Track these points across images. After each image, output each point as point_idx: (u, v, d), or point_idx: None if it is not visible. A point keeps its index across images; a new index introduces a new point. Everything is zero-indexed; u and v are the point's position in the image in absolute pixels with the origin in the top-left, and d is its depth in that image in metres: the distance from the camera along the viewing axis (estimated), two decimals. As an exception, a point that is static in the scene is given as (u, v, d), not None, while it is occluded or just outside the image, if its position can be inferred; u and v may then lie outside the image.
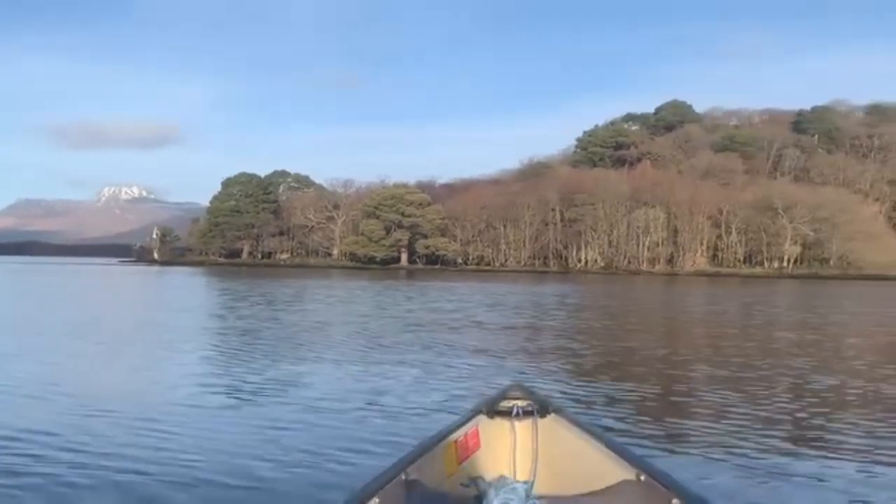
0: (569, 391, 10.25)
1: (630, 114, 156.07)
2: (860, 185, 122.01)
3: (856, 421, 8.59)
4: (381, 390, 10.07)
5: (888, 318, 27.75)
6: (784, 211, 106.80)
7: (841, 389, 10.80)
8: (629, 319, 24.73)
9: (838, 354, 15.51)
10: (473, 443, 4.51)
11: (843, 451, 7.18)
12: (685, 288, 57.34)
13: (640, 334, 19.75)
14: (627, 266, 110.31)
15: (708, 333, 20.59)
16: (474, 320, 22.09)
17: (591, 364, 13.29)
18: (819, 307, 33.74)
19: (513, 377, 11.03)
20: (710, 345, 17.30)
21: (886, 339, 19.83)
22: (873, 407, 9.47)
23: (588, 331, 19.90)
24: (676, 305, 34.89)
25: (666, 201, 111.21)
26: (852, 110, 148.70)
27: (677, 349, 16.28)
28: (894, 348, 17.54)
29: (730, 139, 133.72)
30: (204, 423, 8.06)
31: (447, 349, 14.75)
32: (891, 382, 11.43)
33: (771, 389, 10.67)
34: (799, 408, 9.33)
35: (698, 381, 11.41)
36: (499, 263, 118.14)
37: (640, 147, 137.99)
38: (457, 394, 9.86)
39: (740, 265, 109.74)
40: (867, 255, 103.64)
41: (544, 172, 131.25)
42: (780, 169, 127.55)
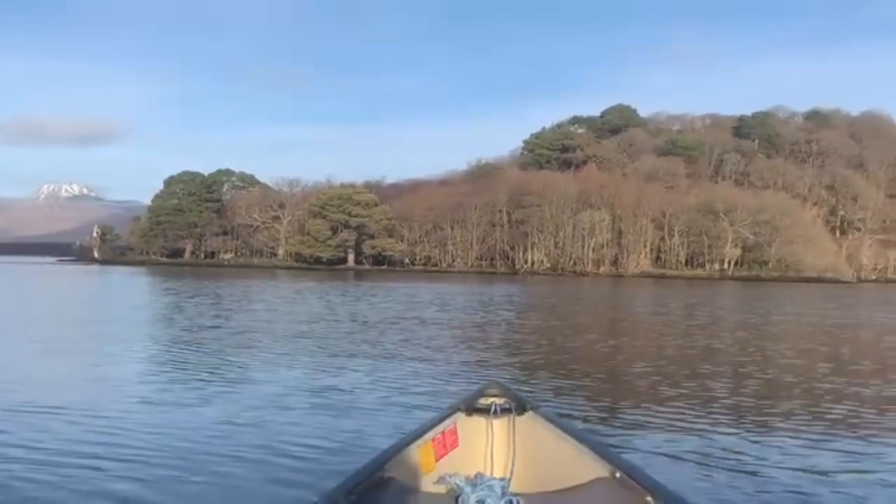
0: (519, 385, 10.17)
1: (576, 117, 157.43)
2: (799, 190, 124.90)
3: (785, 409, 9.35)
4: (330, 388, 9.93)
5: (823, 318, 28.40)
6: (725, 214, 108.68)
7: (772, 382, 11.45)
8: (576, 319, 24.85)
9: (773, 351, 15.80)
10: (451, 440, 4.55)
11: (757, 431, 7.94)
12: (631, 289, 58.02)
13: (586, 333, 19.88)
14: (573, 267, 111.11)
15: (652, 332, 20.79)
16: (423, 319, 21.96)
17: (537, 360, 13.31)
18: (759, 308, 34.46)
19: (461, 375, 11.03)
20: (655, 343, 17.47)
21: (821, 338, 20.41)
22: (803, 397, 10.23)
23: (536, 330, 19.93)
24: (622, 306, 35.25)
25: (611, 204, 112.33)
26: (792, 116, 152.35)
27: (621, 347, 16.48)
28: (825, 346, 18.08)
29: (673, 143, 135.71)
30: (148, 420, 7.94)
31: (396, 348, 14.59)
32: (818, 376, 12.34)
33: (706, 383, 11.12)
34: (726, 394, 10.10)
35: (638, 376, 11.89)
36: (446, 264, 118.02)
37: (586, 150, 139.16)
38: (406, 391, 9.80)
39: (682, 267, 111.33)
40: (806, 257, 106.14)
41: (492, 174, 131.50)
42: (722, 173, 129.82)
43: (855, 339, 20.88)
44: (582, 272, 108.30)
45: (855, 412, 9.38)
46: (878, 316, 30.73)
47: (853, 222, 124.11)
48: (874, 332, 22.88)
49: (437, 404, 8.42)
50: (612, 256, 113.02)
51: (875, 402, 10.05)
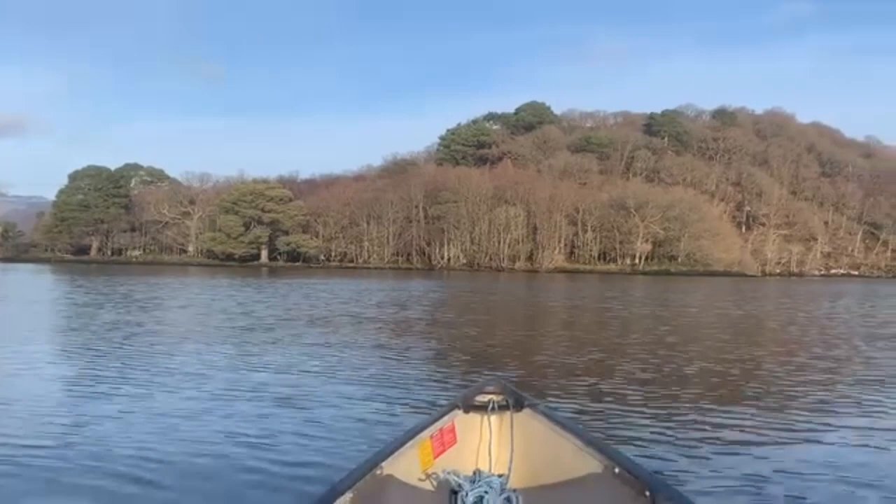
0: (434, 376, 10.32)
1: (491, 113, 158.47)
2: (707, 186, 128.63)
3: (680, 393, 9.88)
4: (244, 385, 9.51)
5: (729, 310, 29.26)
6: (636, 210, 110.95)
7: (677, 370, 11.49)
8: (494, 314, 24.74)
9: (678, 342, 16.03)
10: (449, 438, 4.57)
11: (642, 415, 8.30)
12: (546, 284, 58.46)
13: (503, 326, 19.82)
14: (489, 263, 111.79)
15: (570, 324, 20.87)
16: (340, 315, 21.51)
17: (452, 353, 13.17)
18: (668, 301, 35.14)
19: (378, 367, 10.99)
20: (569, 335, 17.50)
21: (725, 328, 21.05)
22: (703, 384, 10.48)
23: (456, 323, 19.77)
24: (537, 300, 35.37)
25: (526, 200, 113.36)
26: (699, 114, 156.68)
27: (533, 337, 16.53)
28: (728, 336, 18.61)
29: (586, 140, 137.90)
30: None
31: (312, 344, 14.15)
32: (720, 362, 12.80)
33: (613, 367, 11.33)
34: (625, 380, 10.23)
35: (545, 365, 11.92)
36: (362, 260, 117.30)
37: (501, 146, 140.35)
38: (324, 387, 9.53)
39: (596, 262, 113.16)
40: (714, 252, 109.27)
41: (408, 169, 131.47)
42: (633, 170, 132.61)
43: (760, 328, 21.56)
44: (498, 268, 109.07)
45: (759, 388, 10.26)
46: (782, 308, 31.57)
47: (758, 217, 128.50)
48: (778, 322, 23.49)
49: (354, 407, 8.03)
50: (528, 252, 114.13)
51: (774, 382, 10.86)
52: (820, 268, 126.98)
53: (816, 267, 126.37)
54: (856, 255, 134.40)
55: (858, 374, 12.00)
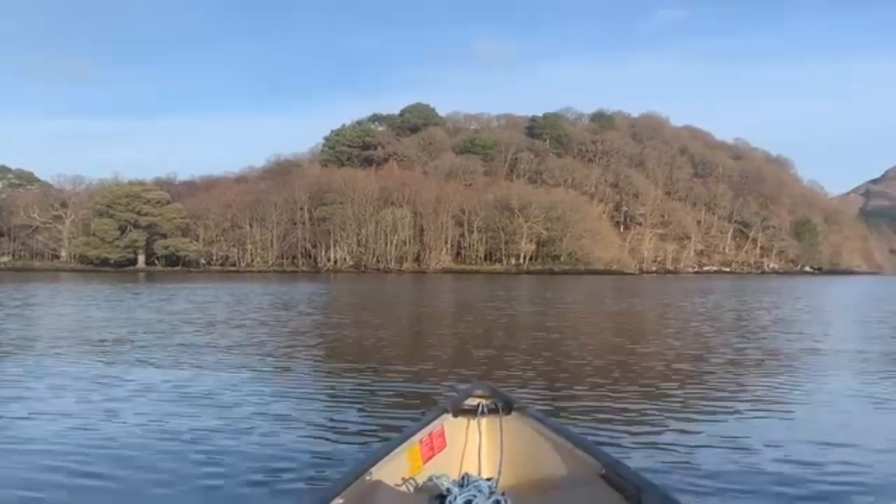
0: (315, 376, 10.11)
1: (377, 114, 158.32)
2: (587, 187, 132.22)
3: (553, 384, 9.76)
4: (116, 394, 9.10)
5: (607, 305, 30.30)
6: (520, 211, 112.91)
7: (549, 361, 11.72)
8: (382, 315, 24.64)
9: (563, 334, 16.39)
10: (439, 442, 4.56)
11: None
12: (434, 284, 58.65)
13: (385, 328, 19.79)
14: (377, 265, 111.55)
15: (457, 321, 20.97)
16: (218, 321, 20.94)
17: (334, 354, 13.23)
18: (555, 299, 35.83)
19: (255, 374, 10.81)
20: (459, 332, 17.60)
21: (603, 322, 21.93)
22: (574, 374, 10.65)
23: (337, 325, 19.58)
24: (422, 300, 35.47)
25: (412, 201, 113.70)
26: (579, 118, 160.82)
27: (413, 337, 16.57)
28: (608, 331, 19.38)
29: (471, 142, 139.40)
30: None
31: (189, 350, 13.72)
32: (605, 354, 13.28)
33: (505, 362, 11.31)
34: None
35: (436, 360, 11.85)
36: (245, 264, 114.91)
37: (386, 147, 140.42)
38: (195, 394, 9.32)
39: (482, 262, 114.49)
40: (594, 251, 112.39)
41: (292, 171, 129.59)
42: (517, 171, 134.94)
43: (640, 322, 22.40)
44: (386, 269, 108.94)
45: (640, 374, 10.61)
46: (659, 304, 32.71)
47: (635, 217, 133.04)
48: (656, 316, 24.42)
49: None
50: (415, 253, 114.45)
51: (646, 372, 11.22)
52: (694, 265, 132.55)
53: (690, 264, 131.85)
54: (727, 253, 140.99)
55: (729, 360, 12.97)
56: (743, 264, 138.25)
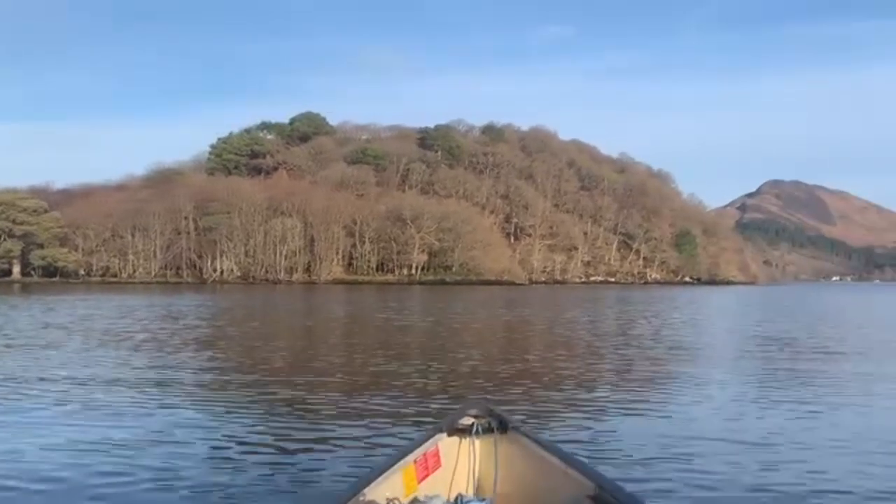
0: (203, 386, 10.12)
1: (265, 122, 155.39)
2: (478, 199, 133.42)
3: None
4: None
5: (499, 315, 30.66)
6: (412, 221, 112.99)
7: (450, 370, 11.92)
8: (269, 327, 24.20)
9: (449, 341, 16.50)
10: (434, 461, 4.55)
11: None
12: (326, 295, 58.03)
13: (276, 340, 19.50)
14: (265, 276, 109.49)
15: (350, 332, 20.77)
16: (93, 334, 20.10)
17: (217, 366, 13.00)
18: (448, 309, 36.00)
19: (120, 385, 10.36)
20: (354, 343, 17.43)
21: (494, 330, 22.70)
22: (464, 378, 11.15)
23: (224, 336, 19.13)
24: (314, 311, 35.04)
25: (302, 211, 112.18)
26: (470, 129, 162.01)
27: (304, 349, 16.34)
28: (500, 339, 20.31)
29: (362, 152, 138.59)
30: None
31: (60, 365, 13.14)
32: (496, 360, 13.70)
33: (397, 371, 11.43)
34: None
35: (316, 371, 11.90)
36: (127, 275, 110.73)
37: (275, 156, 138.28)
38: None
39: (374, 273, 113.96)
40: (485, 262, 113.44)
41: (176, 179, 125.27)
42: (409, 182, 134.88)
43: (532, 329, 22.80)
44: (275, 280, 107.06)
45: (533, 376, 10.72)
46: (549, 313, 33.27)
47: (525, 229, 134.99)
48: (545, 324, 24.82)
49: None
50: (305, 264, 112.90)
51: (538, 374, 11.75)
52: (581, 275, 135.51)
53: (578, 275, 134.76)
54: (612, 264, 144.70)
55: (614, 364, 13.89)
56: (627, 274, 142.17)
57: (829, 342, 19.65)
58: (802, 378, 12.38)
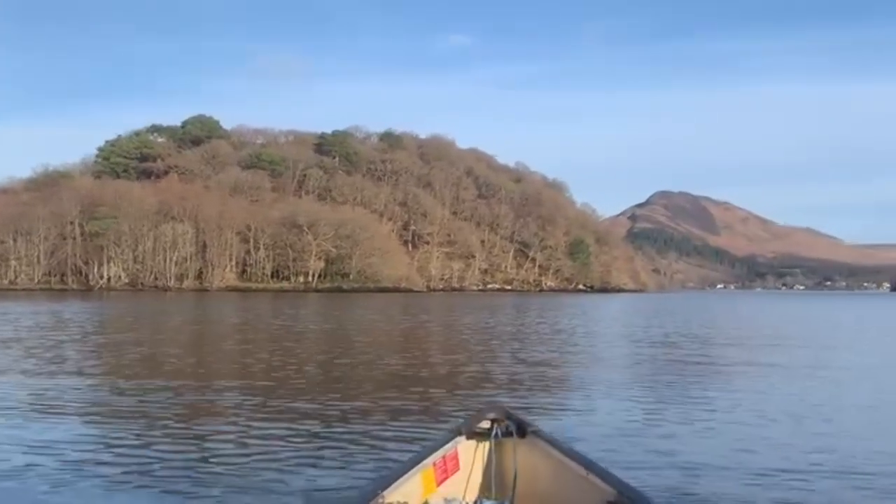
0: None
1: (156, 125, 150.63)
2: (376, 206, 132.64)
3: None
4: None
5: (395, 322, 30.37)
6: (309, 228, 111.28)
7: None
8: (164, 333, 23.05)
9: (345, 348, 16.07)
10: (452, 465, 4.54)
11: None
12: (217, 303, 56.34)
13: (165, 345, 18.77)
14: (155, 282, 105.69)
15: (245, 339, 20.09)
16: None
17: (102, 372, 12.44)
18: (347, 316, 35.31)
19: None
20: (240, 350, 16.79)
21: (396, 336, 22.84)
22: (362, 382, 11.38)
23: (108, 344, 18.11)
24: (204, 318, 33.90)
25: (195, 216, 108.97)
26: (368, 136, 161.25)
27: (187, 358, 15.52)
28: (403, 343, 20.48)
29: (257, 157, 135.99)
30: None
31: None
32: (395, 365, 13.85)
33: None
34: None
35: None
36: (8, 281, 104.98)
37: (166, 160, 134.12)
38: None
39: (269, 280, 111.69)
40: (383, 269, 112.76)
41: (62, 182, 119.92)
42: (306, 188, 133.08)
43: (430, 335, 22.75)
44: (164, 287, 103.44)
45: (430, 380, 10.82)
46: (448, 318, 32.94)
47: (423, 236, 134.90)
48: (444, 329, 24.61)
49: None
50: (197, 270, 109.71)
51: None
52: (478, 283, 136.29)
53: (475, 282, 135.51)
54: (508, 271, 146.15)
55: (507, 369, 14.08)
56: (523, 282, 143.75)
57: (713, 344, 21.47)
58: (686, 374, 13.85)
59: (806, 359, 17.01)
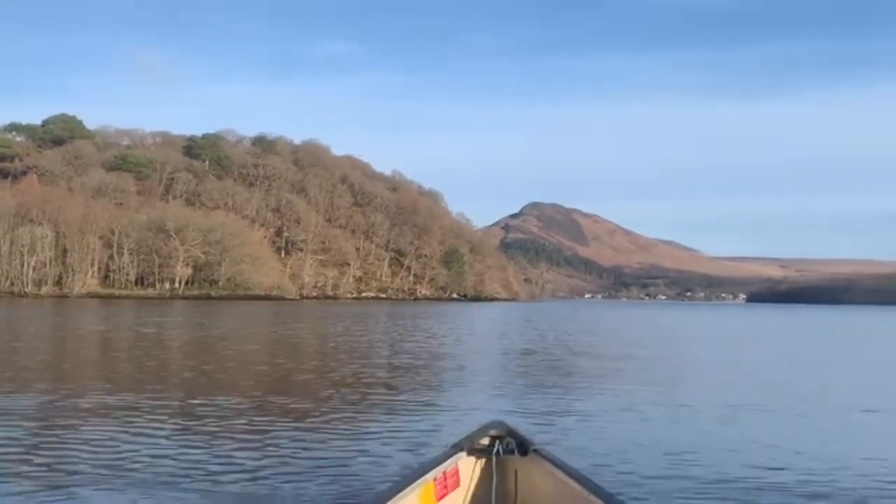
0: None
1: (14, 123, 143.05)
2: (248, 212, 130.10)
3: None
4: None
5: (274, 331, 29.90)
6: (176, 233, 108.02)
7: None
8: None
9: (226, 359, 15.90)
10: (453, 481, 4.50)
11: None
12: (78, 310, 54.04)
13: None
14: (10, 288, 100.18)
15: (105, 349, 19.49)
16: None
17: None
18: (207, 324, 34.60)
19: None
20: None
21: (269, 347, 22.60)
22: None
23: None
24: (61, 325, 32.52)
25: (55, 219, 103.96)
26: (240, 140, 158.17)
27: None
28: (269, 353, 19.93)
29: (123, 159, 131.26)
30: None
31: None
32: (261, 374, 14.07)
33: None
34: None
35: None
36: None
37: (25, 160, 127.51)
38: None
39: (133, 287, 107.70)
40: (254, 276, 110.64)
41: None
42: (174, 192, 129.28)
43: (302, 344, 22.65)
44: (21, 293, 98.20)
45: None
46: (323, 327, 32.77)
47: (296, 243, 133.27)
48: (319, 340, 24.53)
49: None
50: (56, 276, 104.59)
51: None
52: (353, 291, 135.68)
53: (349, 290, 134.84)
54: (383, 280, 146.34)
55: (382, 371, 14.68)
56: (398, 291, 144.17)
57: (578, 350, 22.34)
58: (543, 378, 14.86)
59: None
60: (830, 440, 9.34)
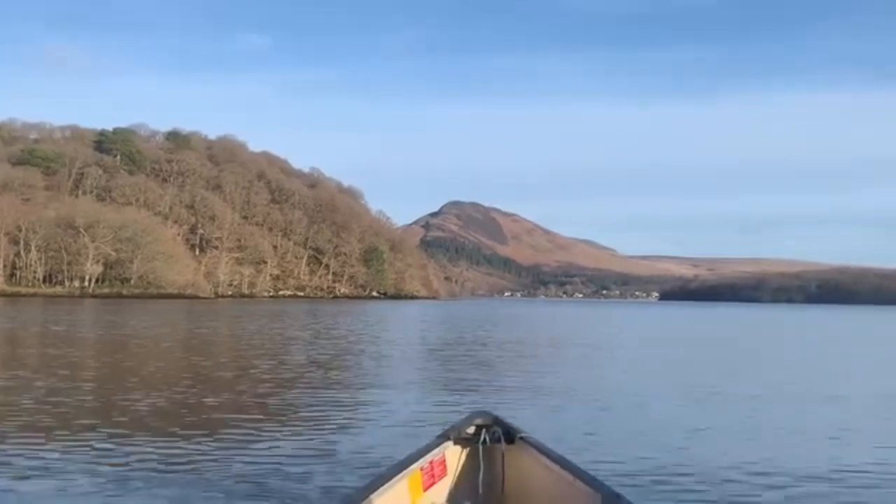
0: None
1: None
2: (161, 208, 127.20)
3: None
4: None
5: (186, 331, 29.52)
6: (86, 230, 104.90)
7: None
8: None
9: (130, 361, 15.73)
10: (440, 470, 4.54)
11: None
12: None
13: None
14: None
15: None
16: None
17: None
18: (118, 324, 33.90)
19: None
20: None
21: (184, 346, 22.05)
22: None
23: None
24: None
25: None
26: (153, 135, 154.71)
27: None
28: (183, 353, 20.11)
29: (30, 153, 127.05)
30: None
31: None
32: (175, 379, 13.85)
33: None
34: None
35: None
36: None
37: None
38: None
39: (40, 285, 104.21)
40: (167, 274, 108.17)
41: None
42: (83, 187, 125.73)
43: (217, 344, 22.40)
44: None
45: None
46: (237, 327, 32.46)
47: (211, 241, 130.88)
48: (233, 341, 24.29)
49: None
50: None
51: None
52: (270, 289, 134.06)
53: (266, 289, 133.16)
54: (301, 278, 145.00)
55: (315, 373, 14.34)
56: (316, 289, 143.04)
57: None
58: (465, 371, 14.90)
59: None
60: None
